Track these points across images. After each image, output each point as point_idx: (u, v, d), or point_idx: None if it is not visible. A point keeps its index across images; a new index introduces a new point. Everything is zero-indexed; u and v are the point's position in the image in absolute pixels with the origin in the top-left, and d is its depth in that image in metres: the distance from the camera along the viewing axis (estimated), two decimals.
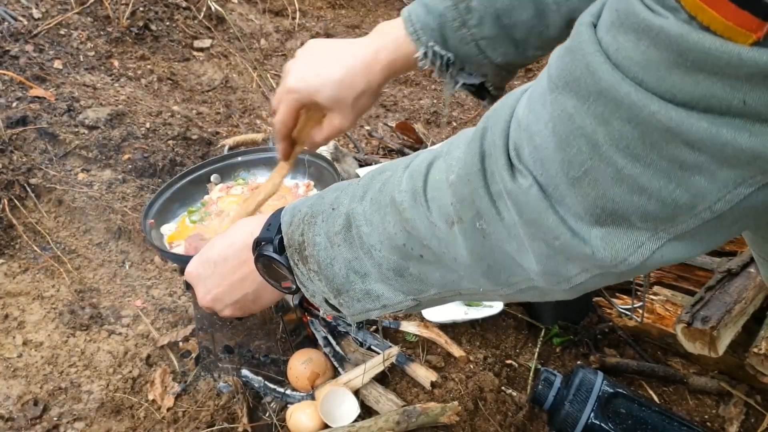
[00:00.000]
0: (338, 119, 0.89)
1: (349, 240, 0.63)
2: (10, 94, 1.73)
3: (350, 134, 2.01)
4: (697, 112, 0.39)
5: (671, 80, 0.39)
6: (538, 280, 0.53)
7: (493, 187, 0.51)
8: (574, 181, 0.46)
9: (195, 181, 1.27)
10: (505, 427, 1.09)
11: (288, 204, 0.72)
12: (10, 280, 1.44)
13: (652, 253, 0.46)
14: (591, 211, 0.46)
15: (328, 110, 0.89)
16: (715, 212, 0.43)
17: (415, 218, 0.57)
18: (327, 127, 0.91)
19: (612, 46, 0.41)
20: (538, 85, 0.49)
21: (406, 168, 0.61)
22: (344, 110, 0.88)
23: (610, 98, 0.41)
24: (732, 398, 1.14)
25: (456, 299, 0.65)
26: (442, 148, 0.58)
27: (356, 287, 0.65)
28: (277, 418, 1.13)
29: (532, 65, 2.48)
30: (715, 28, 0.36)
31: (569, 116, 0.44)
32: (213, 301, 0.81)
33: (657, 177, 0.42)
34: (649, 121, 0.40)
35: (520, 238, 0.51)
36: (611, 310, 1.30)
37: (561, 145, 0.45)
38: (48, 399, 1.20)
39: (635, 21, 0.39)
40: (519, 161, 0.49)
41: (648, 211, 0.44)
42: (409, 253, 0.60)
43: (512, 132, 0.50)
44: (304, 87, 0.88)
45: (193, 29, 2.28)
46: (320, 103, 0.88)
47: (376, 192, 0.62)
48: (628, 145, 0.42)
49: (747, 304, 1.08)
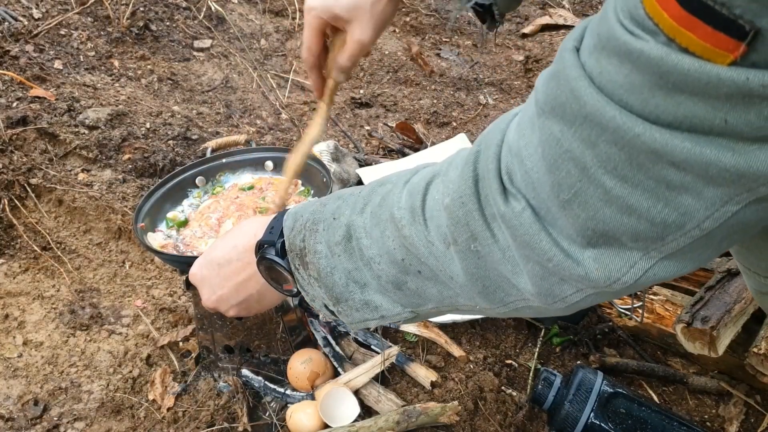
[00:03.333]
0: (359, 30, 0.87)
1: (350, 251, 0.64)
2: (11, 94, 1.73)
3: (350, 134, 2.01)
4: (681, 132, 0.39)
5: (654, 102, 0.39)
6: (533, 300, 0.54)
7: (487, 210, 0.52)
8: (565, 204, 0.46)
9: (181, 184, 1.27)
10: (505, 427, 1.09)
11: (291, 208, 0.72)
12: (11, 280, 1.44)
13: (644, 272, 0.47)
14: (582, 233, 0.47)
15: (348, 23, 0.87)
16: (704, 230, 0.43)
17: (414, 236, 0.58)
18: (349, 43, 0.88)
19: (595, 69, 0.41)
20: (527, 110, 0.49)
21: (405, 184, 0.61)
22: (363, 18, 0.86)
23: (596, 122, 0.42)
24: (732, 398, 1.14)
25: (454, 313, 0.66)
26: (441, 166, 0.59)
27: (355, 297, 0.65)
28: (277, 418, 1.13)
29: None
30: (694, 49, 0.36)
31: (557, 140, 0.45)
32: (218, 302, 0.82)
33: (645, 197, 0.43)
34: (634, 143, 0.41)
35: (514, 260, 0.52)
36: (611, 309, 1.30)
37: (550, 169, 0.46)
38: (48, 399, 1.20)
39: (616, 45, 0.40)
40: (511, 185, 0.49)
41: (638, 231, 0.45)
42: (407, 268, 0.61)
43: (504, 156, 0.50)
44: (319, 2, 0.87)
45: (194, 29, 2.29)
46: (338, 15, 0.86)
47: (376, 206, 0.62)
48: (615, 167, 0.42)
49: (747, 304, 1.08)
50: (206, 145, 1.66)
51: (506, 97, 2.32)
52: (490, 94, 2.33)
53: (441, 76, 2.38)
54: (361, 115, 2.18)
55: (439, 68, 2.42)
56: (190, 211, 1.25)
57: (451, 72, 2.40)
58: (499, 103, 2.29)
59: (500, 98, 2.31)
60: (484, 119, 2.19)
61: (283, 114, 2.05)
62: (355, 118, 2.15)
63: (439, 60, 2.48)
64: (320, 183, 1.24)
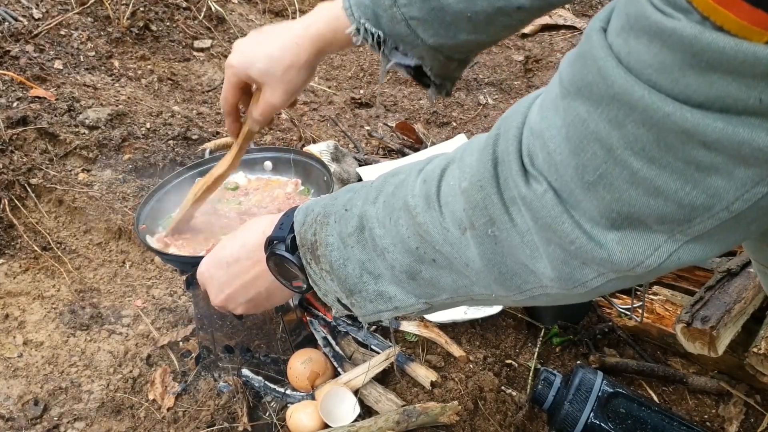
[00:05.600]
0: (269, 93, 0.92)
1: (362, 242, 0.64)
2: (11, 94, 1.73)
3: (350, 134, 2.01)
4: (713, 112, 0.39)
5: (685, 81, 0.39)
6: (552, 286, 0.53)
7: (506, 194, 0.51)
8: (589, 186, 0.46)
9: (180, 186, 1.27)
10: (505, 426, 1.09)
11: (301, 204, 0.72)
12: (11, 280, 1.44)
13: (669, 255, 0.46)
14: (606, 215, 0.46)
15: (261, 84, 0.93)
16: (733, 212, 0.42)
17: (428, 223, 0.57)
18: (261, 102, 0.94)
19: (623, 49, 0.41)
20: (549, 91, 0.49)
21: (419, 172, 0.61)
22: (274, 84, 0.91)
23: (624, 102, 0.41)
24: (732, 398, 1.14)
25: (468, 304, 0.65)
26: (455, 154, 0.58)
27: (369, 288, 0.65)
28: (277, 417, 1.13)
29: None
30: (729, 27, 0.36)
31: (582, 121, 0.44)
32: (226, 301, 0.82)
33: (673, 179, 0.42)
34: (664, 123, 0.40)
35: (533, 244, 0.51)
36: (611, 309, 1.30)
37: (575, 150, 0.45)
38: (48, 399, 1.20)
39: (646, 24, 0.39)
40: (533, 167, 0.49)
41: (664, 213, 0.44)
42: (421, 257, 0.60)
43: (525, 138, 0.50)
44: (238, 62, 0.92)
45: (194, 29, 2.29)
46: (252, 77, 0.92)
47: (389, 195, 0.62)
48: (643, 148, 0.42)
49: (746, 304, 1.08)
50: (205, 147, 1.66)
51: (506, 97, 2.32)
52: (490, 94, 2.33)
53: None
54: (361, 115, 2.18)
55: None
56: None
57: None
58: (499, 103, 2.29)
59: (500, 98, 2.32)
60: (484, 119, 2.19)
61: (283, 114, 2.05)
62: (355, 118, 2.15)
63: None
64: (321, 183, 1.24)
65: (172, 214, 1.23)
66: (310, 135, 1.97)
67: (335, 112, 2.14)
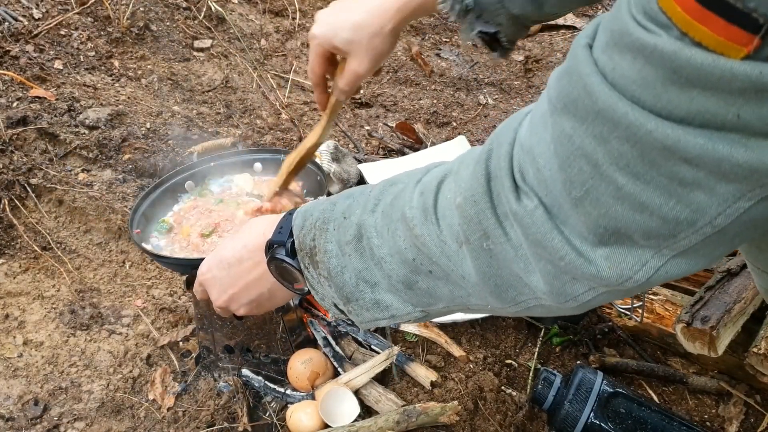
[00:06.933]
0: (354, 62, 0.92)
1: (360, 250, 0.64)
2: (11, 94, 1.73)
3: (350, 134, 2.01)
4: (693, 128, 0.39)
5: (667, 97, 0.39)
6: (545, 299, 0.54)
7: (499, 209, 0.52)
8: (577, 201, 0.46)
9: (171, 189, 1.27)
10: (505, 426, 1.09)
11: (300, 207, 0.72)
12: (11, 280, 1.44)
13: (656, 270, 0.47)
14: (594, 231, 0.47)
15: (346, 54, 0.92)
16: (716, 227, 0.43)
17: (425, 235, 0.58)
18: (346, 71, 0.93)
19: (608, 65, 0.41)
20: (539, 108, 0.49)
21: (417, 183, 0.61)
22: (359, 52, 0.90)
23: (608, 118, 0.41)
24: (732, 398, 1.14)
25: (464, 312, 0.66)
26: (452, 165, 0.59)
27: (366, 296, 0.65)
28: (277, 417, 1.13)
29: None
30: (707, 43, 0.36)
31: (569, 137, 0.45)
32: (229, 301, 0.82)
33: (657, 194, 0.43)
34: (646, 139, 0.40)
35: (526, 258, 0.52)
36: (611, 309, 1.30)
37: (562, 166, 0.46)
38: (48, 399, 1.20)
39: (629, 40, 0.39)
40: (524, 183, 0.49)
41: (650, 228, 0.44)
42: (418, 268, 0.60)
43: (516, 154, 0.50)
44: (322, 32, 0.91)
45: (194, 29, 2.28)
46: (337, 46, 0.91)
47: (387, 205, 0.62)
48: (627, 164, 0.42)
49: (746, 304, 1.08)
50: (192, 150, 1.66)
51: (506, 97, 2.32)
52: (490, 94, 2.33)
53: (441, 76, 2.38)
54: (361, 115, 2.18)
55: (439, 68, 2.42)
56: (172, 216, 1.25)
57: (451, 72, 2.41)
58: (499, 103, 2.29)
59: (500, 98, 2.32)
60: (484, 119, 2.19)
61: (283, 114, 2.05)
62: (355, 118, 2.15)
63: (439, 60, 2.48)
64: (314, 183, 1.24)
65: (164, 218, 1.23)
66: None
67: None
